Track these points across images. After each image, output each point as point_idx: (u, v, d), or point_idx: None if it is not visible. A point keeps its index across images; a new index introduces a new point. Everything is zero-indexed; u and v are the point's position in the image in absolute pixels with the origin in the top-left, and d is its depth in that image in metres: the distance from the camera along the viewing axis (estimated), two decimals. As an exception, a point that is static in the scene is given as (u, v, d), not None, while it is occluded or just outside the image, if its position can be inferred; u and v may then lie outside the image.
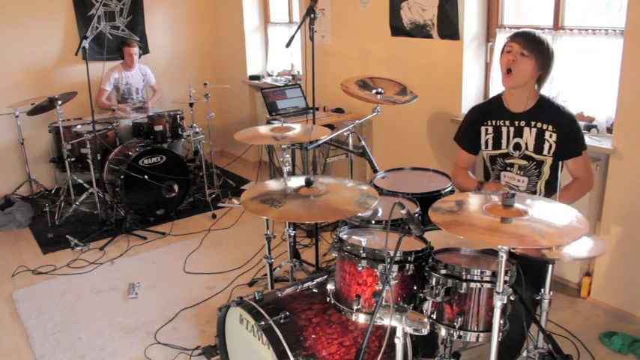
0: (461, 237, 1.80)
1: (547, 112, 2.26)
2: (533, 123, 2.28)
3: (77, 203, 4.51)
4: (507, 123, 2.34)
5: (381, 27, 4.01)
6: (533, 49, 2.20)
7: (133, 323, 3.02)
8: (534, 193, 2.36)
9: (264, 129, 2.86)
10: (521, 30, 2.28)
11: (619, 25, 2.89)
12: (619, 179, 2.85)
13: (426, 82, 3.71)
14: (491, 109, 2.40)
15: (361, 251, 1.86)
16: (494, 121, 2.38)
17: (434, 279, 1.81)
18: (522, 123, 2.30)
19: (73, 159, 4.53)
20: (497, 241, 1.56)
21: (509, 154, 2.36)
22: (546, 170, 2.31)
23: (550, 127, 2.25)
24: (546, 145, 2.26)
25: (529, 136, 2.29)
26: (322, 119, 4.17)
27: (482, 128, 2.42)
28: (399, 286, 1.87)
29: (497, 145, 2.38)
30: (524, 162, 2.33)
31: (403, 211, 1.73)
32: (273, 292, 2.21)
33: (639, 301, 2.89)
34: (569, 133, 2.24)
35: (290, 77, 5.28)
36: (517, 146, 2.33)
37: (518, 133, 2.32)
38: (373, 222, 2.17)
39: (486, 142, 2.42)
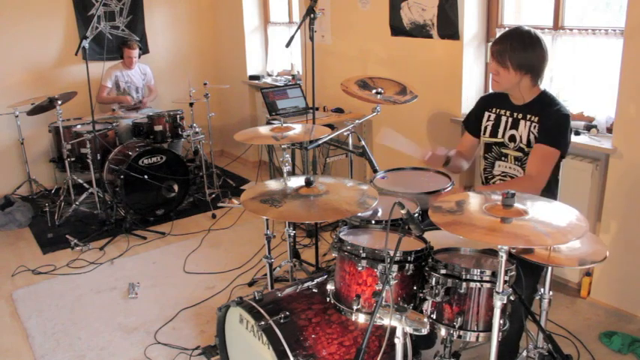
0: (460, 237, 1.80)
1: (541, 106, 2.26)
2: (528, 116, 2.29)
3: (77, 203, 4.51)
4: (508, 113, 2.37)
5: (381, 27, 4.01)
6: (508, 62, 2.19)
7: (133, 323, 3.02)
8: None
9: (264, 129, 2.86)
10: (496, 40, 2.25)
11: (619, 25, 2.89)
12: (619, 179, 2.85)
13: (426, 82, 3.71)
14: (498, 98, 2.42)
15: (361, 251, 1.86)
16: (497, 110, 2.41)
17: (434, 279, 1.82)
18: (520, 115, 2.32)
19: (73, 159, 4.53)
20: (499, 242, 1.56)
21: (504, 143, 2.38)
22: None
23: (536, 120, 2.25)
24: (532, 138, 2.27)
25: (523, 129, 2.30)
26: (322, 119, 4.17)
27: (486, 114, 2.45)
28: (399, 286, 1.87)
29: (494, 133, 2.41)
30: (519, 154, 2.34)
31: (403, 211, 1.73)
32: (273, 292, 2.21)
33: (639, 301, 2.89)
34: (549, 122, 2.21)
35: (290, 77, 5.28)
36: (512, 138, 2.35)
37: (515, 125, 2.33)
38: (373, 222, 2.17)
39: (485, 128, 2.44)
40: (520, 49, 2.18)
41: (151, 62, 5.53)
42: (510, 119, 2.35)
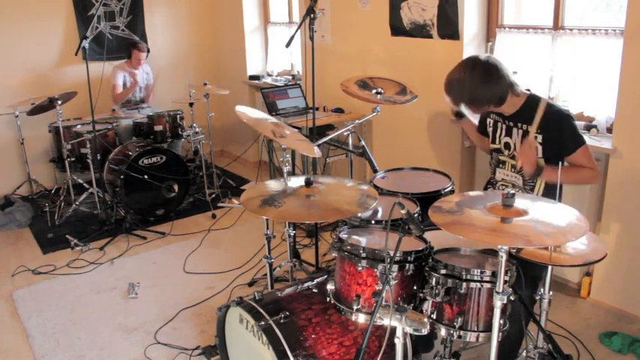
0: (460, 237, 1.80)
1: (532, 113, 2.24)
2: (519, 124, 2.28)
3: (77, 203, 4.51)
4: (502, 120, 2.38)
5: (381, 27, 4.01)
6: (458, 101, 2.25)
7: (133, 323, 3.02)
8: (532, 191, 2.35)
9: (266, 117, 2.72)
10: (445, 83, 2.31)
11: (619, 25, 2.89)
12: (619, 179, 2.85)
13: (426, 82, 3.71)
14: None
15: (361, 251, 1.86)
16: (495, 116, 2.42)
17: (434, 279, 1.82)
18: (511, 123, 2.32)
19: (73, 159, 4.53)
20: (499, 242, 1.56)
21: (501, 150, 2.38)
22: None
23: (538, 131, 2.23)
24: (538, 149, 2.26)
25: (517, 137, 2.30)
26: (322, 119, 4.17)
27: (488, 120, 2.48)
28: (399, 286, 1.87)
29: (493, 139, 2.44)
30: (514, 162, 2.34)
31: (403, 211, 1.73)
32: (273, 292, 2.21)
33: (639, 301, 2.89)
34: (555, 132, 2.19)
35: (290, 77, 5.28)
36: (507, 145, 2.36)
37: (509, 132, 2.34)
38: (373, 222, 2.17)
39: (488, 133, 2.48)
40: (458, 96, 2.24)
41: (151, 62, 5.53)
42: (504, 126, 2.36)
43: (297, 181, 2.15)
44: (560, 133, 2.19)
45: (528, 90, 2.31)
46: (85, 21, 5.21)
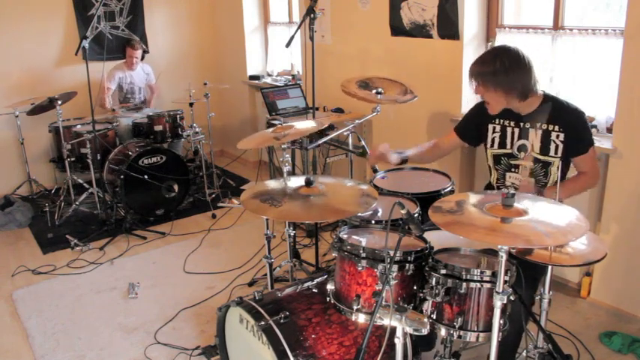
0: (460, 237, 1.80)
1: (552, 111, 2.23)
2: (538, 124, 2.25)
3: (77, 203, 4.51)
4: (512, 124, 2.32)
5: (381, 27, 4.01)
6: (486, 83, 2.17)
7: (133, 323, 3.02)
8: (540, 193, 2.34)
9: (265, 132, 2.79)
10: (476, 61, 2.22)
11: (619, 25, 2.89)
12: (619, 179, 2.85)
13: (426, 82, 3.71)
14: None
15: (361, 251, 1.86)
16: (501, 120, 2.35)
17: (434, 279, 1.82)
18: (527, 125, 2.27)
19: (73, 159, 4.53)
20: (499, 242, 1.56)
21: (513, 154, 2.35)
22: (554, 172, 2.28)
23: (556, 127, 2.22)
24: (552, 146, 2.23)
25: (535, 138, 2.26)
26: (322, 119, 4.16)
27: (490, 126, 2.39)
28: (399, 286, 1.87)
29: (502, 144, 2.36)
30: (529, 164, 2.31)
31: (403, 211, 1.73)
32: (273, 292, 2.21)
33: (639, 301, 2.89)
34: (576, 130, 2.21)
35: (290, 77, 5.28)
36: (522, 148, 2.31)
37: (524, 134, 2.29)
38: (373, 222, 2.17)
39: (493, 140, 2.39)
40: (502, 69, 2.13)
41: (151, 62, 5.53)
42: (517, 129, 2.30)
43: (297, 181, 2.15)
44: (579, 131, 2.21)
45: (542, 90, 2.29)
46: (85, 21, 5.21)
